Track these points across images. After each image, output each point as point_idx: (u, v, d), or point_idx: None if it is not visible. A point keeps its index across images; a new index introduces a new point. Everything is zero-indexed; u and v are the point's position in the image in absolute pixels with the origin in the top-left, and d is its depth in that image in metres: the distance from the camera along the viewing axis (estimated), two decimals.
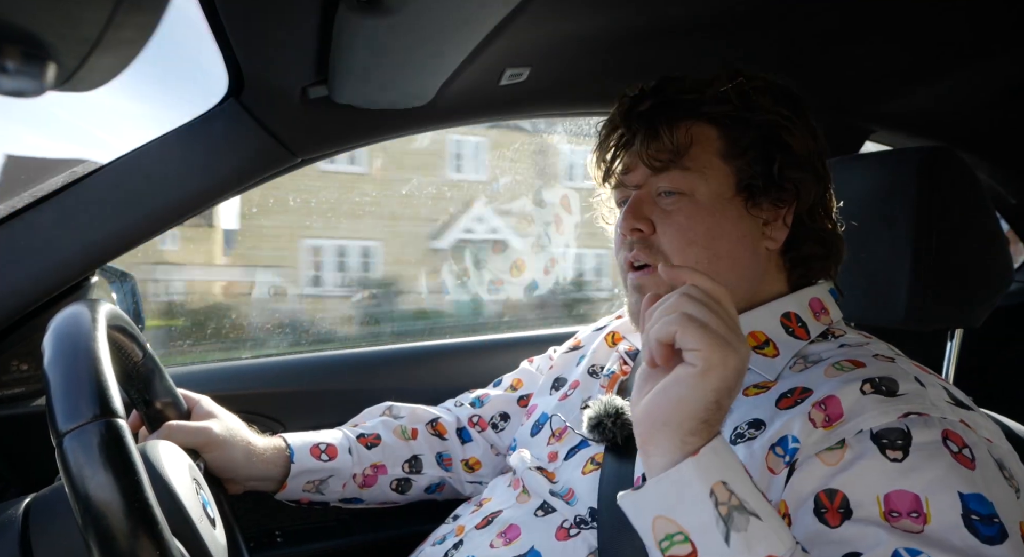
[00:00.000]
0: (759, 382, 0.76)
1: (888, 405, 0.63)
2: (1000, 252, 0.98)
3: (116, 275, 1.11)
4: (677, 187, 0.80)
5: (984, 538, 0.55)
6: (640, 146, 0.82)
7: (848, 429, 0.63)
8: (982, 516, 0.56)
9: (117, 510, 0.51)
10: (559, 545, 0.77)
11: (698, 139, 0.80)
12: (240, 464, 0.92)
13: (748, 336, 0.79)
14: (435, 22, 0.79)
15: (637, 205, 0.82)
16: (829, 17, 1.03)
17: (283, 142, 1.05)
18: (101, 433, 0.52)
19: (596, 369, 1.02)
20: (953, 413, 0.63)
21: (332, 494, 1.02)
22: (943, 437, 0.60)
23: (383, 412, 1.12)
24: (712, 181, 0.80)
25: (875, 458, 0.60)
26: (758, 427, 0.69)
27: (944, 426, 0.61)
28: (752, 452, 0.68)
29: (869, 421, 0.62)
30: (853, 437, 0.62)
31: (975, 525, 0.56)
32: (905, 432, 0.61)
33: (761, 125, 0.80)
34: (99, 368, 0.57)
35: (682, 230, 0.80)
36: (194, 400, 0.95)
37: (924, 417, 0.62)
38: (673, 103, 0.82)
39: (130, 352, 0.81)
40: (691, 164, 0.80)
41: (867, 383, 0.66)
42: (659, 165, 0.81)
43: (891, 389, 0.65)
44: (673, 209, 0.81)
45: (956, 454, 0.60)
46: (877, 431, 0.62)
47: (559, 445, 0.90)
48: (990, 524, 0.56)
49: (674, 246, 0.80)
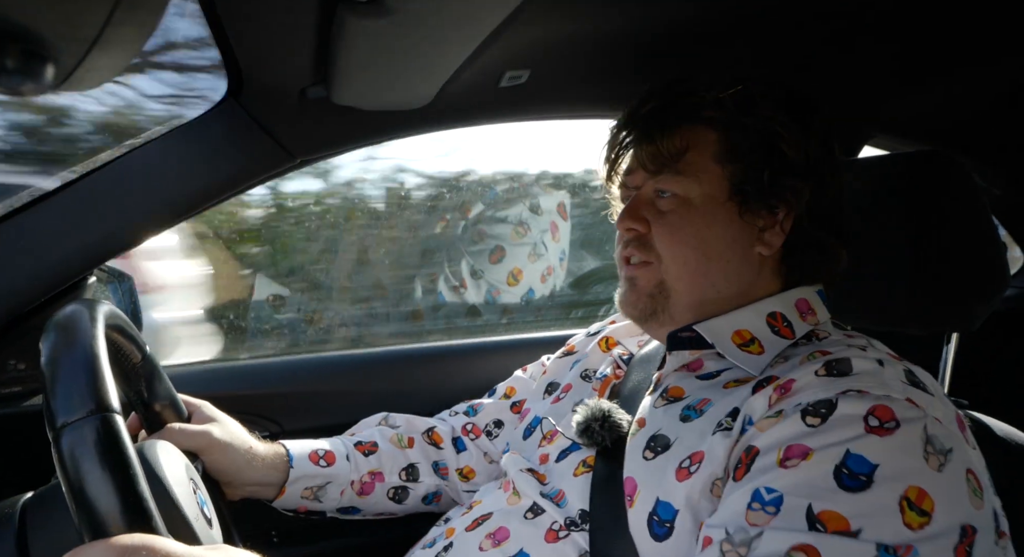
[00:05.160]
0: (739, 377, 0.77)
1: (832, 384, 0.65)
2: (997, 256, 0.98)
3: (114, 275, 1.11)
4: (672, 189, 0.83)
5: (842, 486, 0.57)
6: (639, 148, 0.85)
7: (788, 402, 0.65)
8: (852, 472, 0.58)
9: (111, 504, 0.50)
10: (549, 547, 0.77)
11: (694, 143, 0.82)
12: (241, 468, 0.92)
13: (734, 334, 0.80)
14: (435, 23, 0.79)
15: (635, 206, 0.85)
16: (826, 22, 1.03)
17: (282, 143, 1.05)
18: (97, 428, 0.52)
19: (589, 373, 1.02)
20: (902, 391, 0.63)
21: (330, 502, 1.02)
22: (868, 412, 0.61)
23: (379, 422, 1.13)
24: (705, 185, 0.81)
25: (795, 421, 0.63)
26: (735, 417, 0.71)
27: (877, 402, 0.62)
28: (726, 440, 0.69)
29: (808, 396, 0.65)
30: (791, 409, 0.65)
31: (842, 477, 0.58)
32: (832, 403, 0.63)
33: (759, 131, 0.80)
34: (96, 364, 0.56)
35: (674, 230, 0.82)
36: (195, 405, 0.95)
37: (862, 394, 0.63)
38: (673, 107, 0.83)
39: (129, 353, 0.81)
40: (685, 168, 0.81)
41: (824, 366, 0.67)
42: (655, 168, 0.83)
43: (842, 370, 0.66)
44: (668, 210, 0.83)
45: (874, 428, 0.60)
46: (810, 403, 0.64)
47: (550, 448, 0.91)
48: (855, 479, 0.57)
49: (665, 245, 0.83)
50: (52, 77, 0.58)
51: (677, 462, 0.72)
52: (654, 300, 0.85)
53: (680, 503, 0.69)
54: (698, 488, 0.68)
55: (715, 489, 0.68)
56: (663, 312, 0.84)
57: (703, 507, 0.68)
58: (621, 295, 0.89)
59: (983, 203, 0.96)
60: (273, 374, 1.32)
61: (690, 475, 0.70)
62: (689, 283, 0.83)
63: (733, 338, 0.80)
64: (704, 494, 0.68)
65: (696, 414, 0.75)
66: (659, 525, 0.70)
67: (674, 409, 0.78)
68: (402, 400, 1.16)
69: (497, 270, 2.76)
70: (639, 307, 0.86)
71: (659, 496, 0.71)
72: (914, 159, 0.96)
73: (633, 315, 0.88)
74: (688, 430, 0.74)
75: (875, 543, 0.55)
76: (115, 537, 0.49)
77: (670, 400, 0.80)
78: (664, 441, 0.75)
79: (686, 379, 0.82)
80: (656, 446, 0.76)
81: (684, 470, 0.71)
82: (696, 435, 0.73)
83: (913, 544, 0.54)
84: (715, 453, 0.69)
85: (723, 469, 0.68)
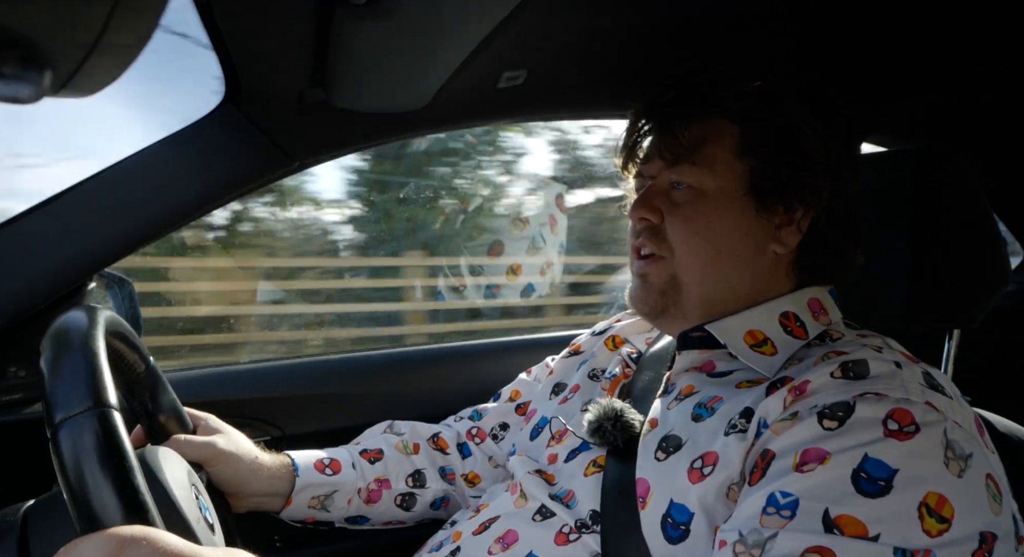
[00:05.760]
0: (752, 378, 0.76)
1: (849, 386, 0.64)
2: (997, 252, 0.99)
3: (114, 280, 1.10)
4: (687, 180, 0.82)
5: (860, 491, 0.56)
6: (657, 138, 0.84)
7: (804, 404, 0.65)
8: (870, 476, 0.57)
9: (108, 496, 0.50)
10: (558, 550, 0.76)
11: (712, 135, 0.81)
12: (246, 478, 0.92)
13: (746, 334, 0.79)
14: (432, 25, 0.79)
15: (649, 195, 0.84)
16: (826, 18, 1.03)
17: (280, 146, 1.05)
18: (94, 423, 0.52)
19: (597, 373, 1.01)
20: (921, 394, 0.63)
21: (338, 511, 1.01)
22: (887, 415, 0.60)
23: (384, 430, 1.12)
24: (720, 178, 0.80)
25: (811, 424, 0.62)
26: (748, 418, 0.70)
27: (896, 405, 0.61)
28: (742, 442, 0.69)
29: (824, 398, 0.64)
30: (807, 411, 0.64)
31: (860, 481, 0.57)
32: (850, 405, 0.62)
33: (780, 127, 0.79)
34: (94, 361, 0.56)
35: (687, 222, 0.81)
36: (200, 418, 0.94)
37: (880, 397, 0.62)
38: (693, 97, 0.82)
39: (133, 363, 0.80)
40: (702, 159, 0.80)
41: (840, 368, 0.67)
42: (671, 158, 0.82)
43: (859, 373, 0.65)
44: (682, 201, 0.82)
45: (893, 431, 0.59)
46: (827, 406, 0.63)
47: (559, 448, 0.90)
48: (873, 483, 0.56)
49: (678, 236, 0.82)
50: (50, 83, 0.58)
51: (689, 463, 0.71)
52: (665, 296, 0.84)
53: (695, 505, 0.68)
54: (712, 492, 0.67)
55: (731, 494, 0.67)
56: (675, 307, 0.83)
57: (718, 511, 0.67)
58: (632, 291, 0.88)
59: (983, 199, 0.96)
60: (274, 378, 1.32)
61: (703, 477, 0.69)
62: (701, 277, 0.81)
63: (745, 338, 0.79)
64: (719, 498, 0.67)
65: (707, 413, 0.75)
66: (673, 527, 0.69)
67: (685, 407, 0.77)
68: (404, 403, 1.16)
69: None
70: (650, 303, 0.85)
71: (673, 498, 0.70)
72: (914, 155, 0.96)
73: (644, 311, 0.87)
74: (700, 430, 0.73)
75: (893, 547, 0.54)
76: (113, 528, 0.49)
77: (681, 398, 0.80)
78: (676, 441, 0.75)
79: (697, 377, 0.82)
80: (668, 447, 0.75)
81: (697, 471, 0.70)
82: (708, 435, 0.72)
83: (932, 549, 0.54)
84: (730, 457, 0.68)
85: (739, 473, 0.67)
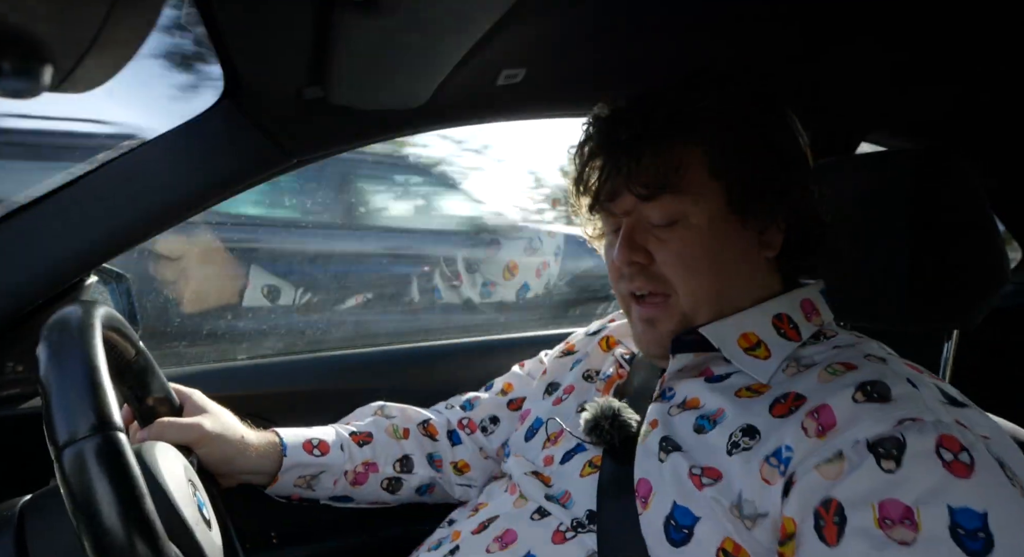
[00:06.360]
0: (751, 384, 0.76)
1: (882, 412, 0.63)
2: (996, 253, 0.98)
3: (111, 276, 1.11)
4: (669, 215, 0.78)
5: (969, 551, 0.55)
6: (626, 175, 0.79)
7: (844, 440, 0.63)
8: (967, 530, 0.56)
9: (115, 523, 0.51)
10: (556, 549, 0.76)
11: (685, 162, 0.77)
12: (233, 458, 0.93)
13: (740, 337, 0.79)
14: (431, 23, 0.79)
15: (630, 235, 0.80)
16: (825, 17, 1.03)
17: (278, 143, 1.05)
18: (100, 447, 0.52)
19: (591, 373, 1.01)
20: (948, 413, 0.63)
21: (323, 491, 1.02)
22: (937, 445, 0.60)
23: (375, 412, 1.12)
24: (703, 203, 0.77)
25: (870, 468, 0.60)
26: (752, 436, 0.69)
27: (940, 431, 0.60)
28: (748, 463, 0.67)
29: (864, 431, 0.62)
30: (851, 448, 0.62)
31: (961, 538, 0.56)
32: (900, 441, 0.60)
33: (745, 135, 0.78)
34: (97, 380, 0.56)
35: (681, 257, 0.78)
36: (186, 394, 0.95)
37: (919, 422, 0.61)
38: (655, 127, 0.78)
39: (123, 350, 0.81)
40: (681, 189, 0.77)
41: (859, 390, 0.65)
42: (645, 193, 0.78)
43: (883, 394, 0.64)
44: (668, 237, 0.79)
45: (950, 463, 0.59)
46: (872, 441, 0.61)
47: (555, 449, 0.90)
48: (975, 539, 0.56)
49: (676, 274, 0.79)
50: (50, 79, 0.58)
51: (688, 467, 0.71)
52: (676, 332, 0.82)
53: (701, 512, 0.68)
54: (720, 509, 0.67)
55: (749, 523, 0.65)
56: (686, 335, 0.82)
57: (727, 528, 0.66)
58: (640, 336, 0.85)
59: (982, 199, 0.96)
60: (268, 375, 1.32)
61: (703, 487, 0.69)
62: (708, 304, 0.80)
63: (739, 342, 0.78)
64: (728, 516, 0.67)
65: (710, 425, 0.74)
66: (676, 530, 0.69)
67: (688, 417, 0.77)
68: (399, 400, 1.16)
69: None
70: (664, 345, 0.83)
71: (676, 501, 0.70)
72: (914, 155, 0.96)
73: (659, 354, 0.85)
74: (701, 441, 0.73)
75: None
76: None
77: (685, 408, 0.79)
78: (676, 445, 0.74)
79: (695, 384, 0.81)
80: (669, 448, 0.75)
81: (697, 478, 0.70)
82: (709, 448, 0.72)
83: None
84: (735, 477, 0.67)
85: (761, 504, 0.65)
